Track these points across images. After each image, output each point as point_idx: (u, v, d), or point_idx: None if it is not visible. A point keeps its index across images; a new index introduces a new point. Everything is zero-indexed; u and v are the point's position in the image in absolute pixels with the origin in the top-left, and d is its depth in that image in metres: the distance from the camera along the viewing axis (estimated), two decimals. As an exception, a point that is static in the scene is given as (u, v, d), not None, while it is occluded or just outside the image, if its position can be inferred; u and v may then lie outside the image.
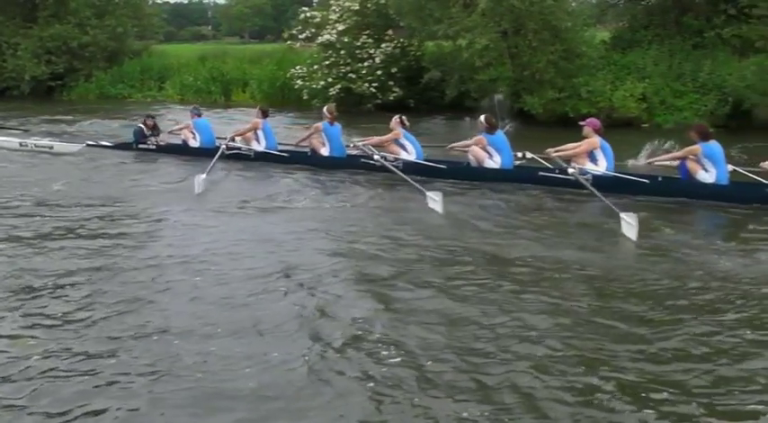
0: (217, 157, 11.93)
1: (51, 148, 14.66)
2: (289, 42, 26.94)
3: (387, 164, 11.26)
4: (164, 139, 14.65)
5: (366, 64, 21.93)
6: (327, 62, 22.53)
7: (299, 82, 23.32)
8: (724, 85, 18.15)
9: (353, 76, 21.90)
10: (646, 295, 6.17)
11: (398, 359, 4.97)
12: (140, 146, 14.40)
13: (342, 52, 22.28)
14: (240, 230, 8.35)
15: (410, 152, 11.78)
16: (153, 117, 15.37)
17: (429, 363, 4.91)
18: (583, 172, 10.06)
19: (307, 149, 12.92)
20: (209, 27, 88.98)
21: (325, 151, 12.37)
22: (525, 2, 18.12)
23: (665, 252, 7.38)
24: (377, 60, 21.84)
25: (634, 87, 18.47)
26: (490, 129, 11.06)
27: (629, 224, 8.01)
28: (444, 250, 7.53)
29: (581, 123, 10.68)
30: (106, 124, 19.82)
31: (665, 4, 21.59)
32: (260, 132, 13.13)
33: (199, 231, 8.39)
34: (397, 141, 11.83)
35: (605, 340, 5.25)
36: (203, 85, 27.56)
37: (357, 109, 21.30)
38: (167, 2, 76.98)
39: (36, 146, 14.77)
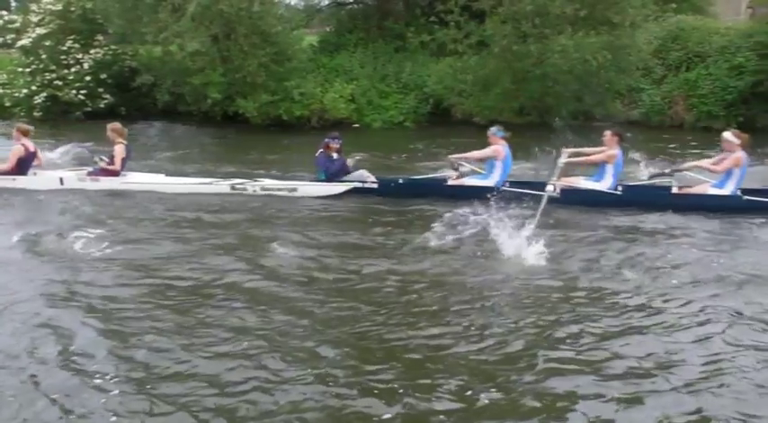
0: (544, 203, 8.09)
1: (294, 190, 10.58)
2: (-13, 48, 24.88)
3: None
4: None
5: (73, 70, 20.80)
6: (29, 69, 21.09)
7: (0, 90, 21.69)
8: (425, 85, 19.66)
9: (59, 83, 20.65)
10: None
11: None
12: (338, 180, 10.47)
13: (44, 58, 20.94)
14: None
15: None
16: (339, 136, 10.79)
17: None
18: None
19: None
20: None
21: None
22: (234, 7, 18.24)
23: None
24: (85, 66, 20.78)
25: (343, 89, 19.42)
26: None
27: None
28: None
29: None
30: None
31: (367, 10, 22.91)
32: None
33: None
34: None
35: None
36: None
37: (65, 118, 20.26)
38: None
39: (264, 188, 10.64)
